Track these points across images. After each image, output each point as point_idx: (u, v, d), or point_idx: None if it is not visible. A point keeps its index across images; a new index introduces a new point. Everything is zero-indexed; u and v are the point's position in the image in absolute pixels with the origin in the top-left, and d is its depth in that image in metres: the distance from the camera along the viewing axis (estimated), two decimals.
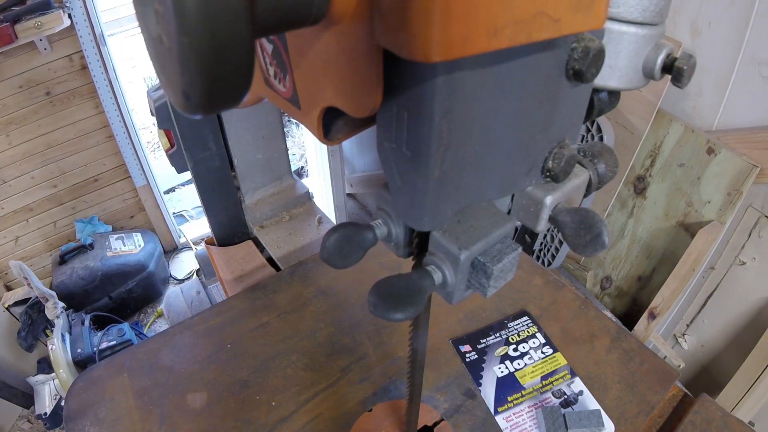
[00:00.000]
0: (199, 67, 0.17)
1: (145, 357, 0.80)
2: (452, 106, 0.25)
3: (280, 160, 1.22)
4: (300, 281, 0.92)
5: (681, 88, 0.34)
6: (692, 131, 1.39)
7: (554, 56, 0.28)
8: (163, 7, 0.17)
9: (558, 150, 0.33)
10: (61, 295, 1.95)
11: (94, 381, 0.77)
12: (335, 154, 2.06)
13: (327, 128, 0.31)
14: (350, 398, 0.73)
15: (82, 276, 2.06)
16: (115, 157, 2.23)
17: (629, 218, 1.64)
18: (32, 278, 1.75)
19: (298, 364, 0.77)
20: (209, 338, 0.82)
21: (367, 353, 0.79)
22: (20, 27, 1.65)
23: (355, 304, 0.87)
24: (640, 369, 0.75)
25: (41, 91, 1.94)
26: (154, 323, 2.27)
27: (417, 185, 0.29)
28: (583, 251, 0.32)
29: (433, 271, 0.33)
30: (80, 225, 2.29)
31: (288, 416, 0.70)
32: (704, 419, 0.68)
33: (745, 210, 1.34)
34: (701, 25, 1.31)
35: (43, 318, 1.88)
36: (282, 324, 0.84)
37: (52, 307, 1.80)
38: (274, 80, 0.34)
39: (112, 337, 1.85)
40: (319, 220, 1.22)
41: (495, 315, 0.84)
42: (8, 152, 1.99)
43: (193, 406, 0.72)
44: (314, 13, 0.22)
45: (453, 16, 0.19)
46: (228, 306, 0.88)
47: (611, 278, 1.75)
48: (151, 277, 2.26)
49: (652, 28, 0.33)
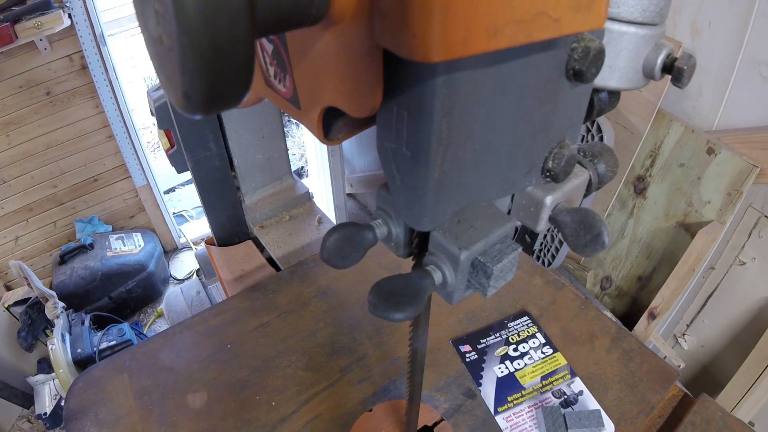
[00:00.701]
0: (199, 67, 0.17)
1: (145, 357, 0.80)
2: (452, 106, 0.25)
3: (280, 160, 1.22)
4: (300, 281, 0.92)
5: (681, 88, 0.34)
6: (692, 131, 1.39)
7: (554, 56, 0.28)
8: (163, 7, 0.17)
9: (558, 150, 0.33)
10: (61, 295, 1.95)
11: (94, 381, 0.77)
12: (335, 154, 2.06)
13: (327, 128, 0.31)
14: (350, 398, 0.73)
15: (82, 276, 2.06)
16: (115, 157, 2.23)
17: (629, 218, 1.64)
18: (32, 278, 1.75)
19: (298, 364, 0.77)
20: (209, 338, 0.82)
21: (367, 353, 0.79)
22: (20, 27, 1.65)
23: (355, 304, 0.87)
24: (640, 369, 0.75)
25: (41, 91, 1.94)
26: (154, 323, 2.27)
27: (417, 185, 0.29)
28: (583, 251, 0.32)
29: (433, 271, 0.33)
30: (80, 225, 2.29)
31: (288, 416, 0.70)
32: (704, 419, 0.68)
33: (745, 210, 1.34)
34: (701, 25, 1.31)
35: (43, 318, 1.88)
36: (282, 324, 0.84)
37: (52, 307, 1.80)
38: (274, 80, 0.34)
39: (112, 337, 1.85)
40: (319, 220, 1.22)
41: (495, 315, 0.84)
42: (8, 152, 1.99)
43: (193, 406, 0.72)
44: (314, 13, 0.22)
45: (453, 16, 0.19)
46: (228, 306, 0.88)
47: (611, 278, 1.75)
48: (151, 277, 2.26)
49: (652, 28, 0.33)
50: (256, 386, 0.75)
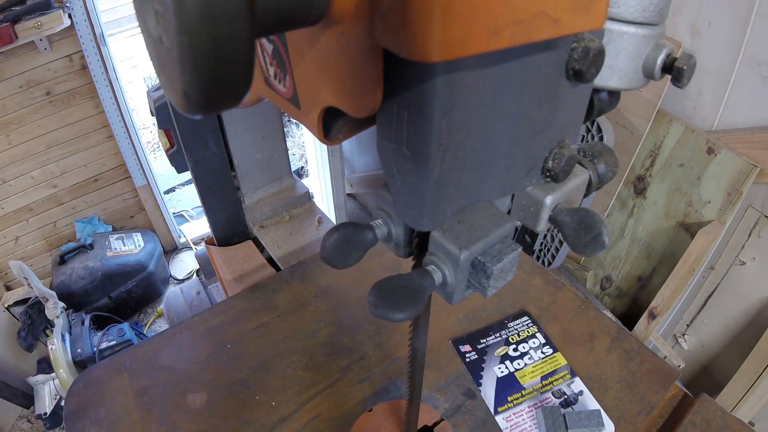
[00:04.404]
0: (199, 66, 0.17)
1: (145, 357, 0.80)
2: (452, 106, 0.25)
3: (280, 160, 1.22)
4: (300, 281, 0.92)
5: (681, 88, 0.34)
6: (692, 131, 1.39)
7: (554, 56, 0.28)
8: (163, 7, 0.17)
9: (558, 150, 0.33)
10: (61, 295, 1.95)
11: (94, 381, 0.77)
12: (335, 154, 2.06)
13: (327, 128, 0.31)
14: (350, 398, 0.72)
15: (82, 276, 2.06)
16: (115, 157, 2.23)
17: (629, 218, 1.64)
18: (32, 278, 1.75)
19: (298, 364, 0.77)
20: (209, 338, 0.82)
21: (367, 353, 0.79)
22: (20, 27, 1.65)
23: (355, 304, 0.87)
24: (640, 369, 0.75)
25: (41, 91, 1.94)
26: (154, 323, 2.27)
27: (417, 185, 0.29)
28: (583, 251, 0.32)
29: (433, 271, 0.33)
30: (80, 225, 2.29)
31: (288, 416, 0.70)
32: (704, 419, 0.68)
33: (745, 210, 1.34)
34: (701, 25, 1.31)
35: (43, 318, 1.88)
36: (282, 324, 0.84)
37: (52, 307, 1.80)
38: (274, 80, 0.34)
39: (112, 337, 1.85)
40: (319, 220, 1.22)
41: (495, 315, 0.84)
42: (8, 152, 1.99)
43: (193, 406, 0.72)
44: (314, 13, 0.22)
45: (453, 16, 0.19)
46: (228, 306, 0.88)
47: (611, 278, 1.75)
48: (151, 277, 2.26)
49: (652, 28, 0.33)
50: (256, 386, 0.75)
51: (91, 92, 2.02)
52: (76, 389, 0.75)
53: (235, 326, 0.84)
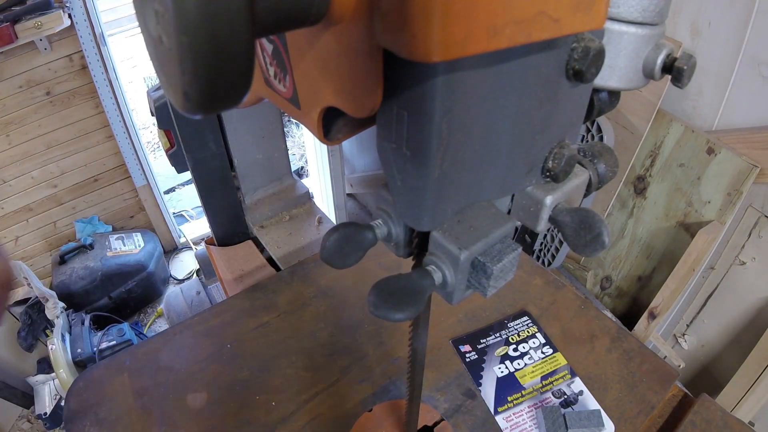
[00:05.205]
0: (199, 67, 0.17)
1: (145, 357, 0.80)
2: (452, 106, 0.25)
3: (280, 160, 1.22)
4: (300, 281, 0.92)
5: (681, 88, 0.34)
6: (692, 131, 1.39)
7: (554, 56, 0.28)
8: (163, 7, 0.17)
9: (558, 150, 0.33)
10: (61, 295, 1.95)
11: (94, 381, 0.77)
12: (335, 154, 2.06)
13: (327, 128, 0.31)
14: (350, 398, 0.72)
15: (82, 276, 2.06)
16: (115, 157, 2.23)
17: (629, 218, 1.64)
18: (32, 278, 1.75)
19: (298, 364, 0.77)
20: (209, 338, 0.82)
21: (367, 353, 0.79)
22: (20, 27, 1.65)
23: (355, 304, 0.87)
24: (640, 369, 0.75)
25: (41, 91, 1.94)
26: (154, 323, 2.27)
27: (417, 185, 0.29)
28: (583, 251, 0.32)
29: (433, 271, 0.33)
30: (80, 225, 2.29)
31: (288, 416, 0.70)
32: (704, 419, 0.68)
33: (745, 210, 1.34)
34: (701, 25, 1.31)
35: (43, 318, 1.88)
36: (282, 324, 0.84)
37: (52, 307, 1.80)
38: (274, 80, 0.34)
39: (112, 337, 1.85)
40: (319, 220, 1.22)
41: (495, 315, 0.84)
42: (8, 152, 1.99)
43: (193, 406, 0.72)
44: (314, 13, 0.22)
45: (453, 16, 0.19)
46: (228, 306, 0.88)
47: (611, 278, 1.75)
48: (151, 277, 2.26)
49: (652, 28, 0.33)
50: (256, 386, 0.75)
51: (91, 92, 2.02)
52: (76, 389, 0.75)
53: (235, 326, 0.84)
